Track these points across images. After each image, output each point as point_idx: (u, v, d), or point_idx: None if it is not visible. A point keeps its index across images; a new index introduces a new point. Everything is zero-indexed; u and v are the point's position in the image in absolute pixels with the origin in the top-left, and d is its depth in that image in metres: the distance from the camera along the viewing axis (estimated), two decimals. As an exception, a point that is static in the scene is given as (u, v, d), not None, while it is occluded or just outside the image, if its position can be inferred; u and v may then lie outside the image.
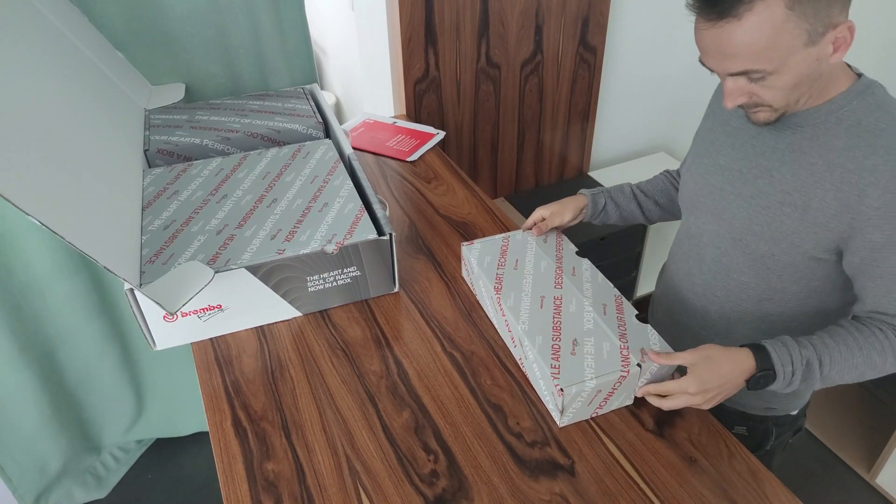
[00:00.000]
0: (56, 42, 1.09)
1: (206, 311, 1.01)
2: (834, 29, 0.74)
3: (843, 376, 0.85)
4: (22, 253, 1.41)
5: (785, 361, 0.83)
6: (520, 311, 0.96)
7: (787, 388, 0.85)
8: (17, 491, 1.63)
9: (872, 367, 0.85)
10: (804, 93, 0.82)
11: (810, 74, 0.79)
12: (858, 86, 0.84)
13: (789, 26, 0.73)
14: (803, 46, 0.75)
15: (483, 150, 1.97)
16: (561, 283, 1.02)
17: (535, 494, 0.80)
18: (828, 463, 1.88)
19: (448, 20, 1.67)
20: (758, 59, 0.76)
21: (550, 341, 0.91)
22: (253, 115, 1.36)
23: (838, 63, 0.82)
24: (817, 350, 0.84)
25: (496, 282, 1.02)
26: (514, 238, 1.13)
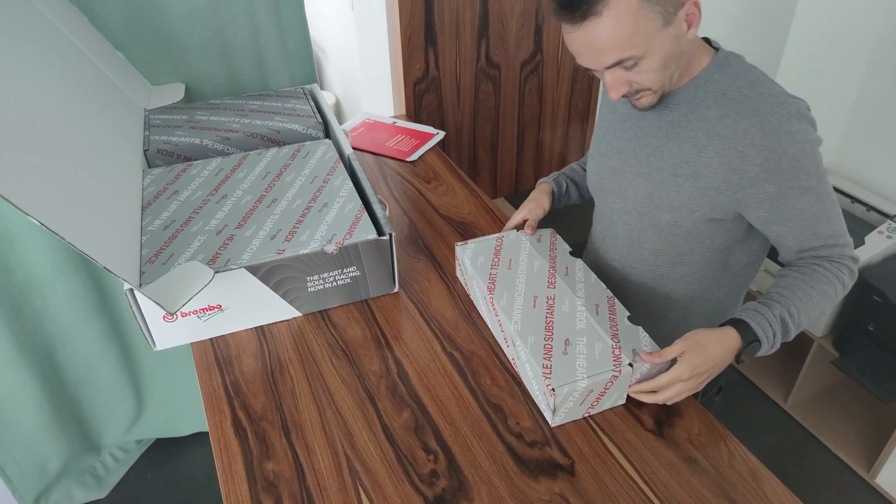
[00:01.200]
0: (56, 42, 1.09)
1: (206, 311, 1.01)
2: (682, 7, 0.83)
3: (810, 316, 0.92)
4: (22, 253, 1.41)
5: (765, 327, 0.89)
6: (512, 310, 0.97)
7: (770, 350, 0.90)
8: (17, 491, 1.63)
9: (827, 298, 0.92)
10: (675, 71, 0.90)
11: (674, 53, 0.87)
12: (718, 59, 0.92)
13: (644, 12, 0.80)
14: (661, 27, 0.82)
15: (483, 150, 1.97)
16: (554, 282, 1.02)
17: (534, 494, 0.80)
18: (828, 463, 1.88)
19: (448, 20, 1.67)
20: (625, 47, 0.83)
21: (543, 341, 0.91)
22: (253, 115, 1.36)
23: (696, 40, 0.92)
24: (784, 304, 0.90)
25: (489, 282, 1.02)
26: (508, 238, 1.13)
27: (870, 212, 1.89)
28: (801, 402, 2.03)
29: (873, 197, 1.93)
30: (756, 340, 0.89)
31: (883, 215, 1.87)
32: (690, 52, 0.91)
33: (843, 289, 0.94)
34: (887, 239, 1.78)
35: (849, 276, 0.94)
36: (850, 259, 0.95)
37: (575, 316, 0.95)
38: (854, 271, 0.95)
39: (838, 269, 0.93)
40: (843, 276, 0.94)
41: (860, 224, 1.87)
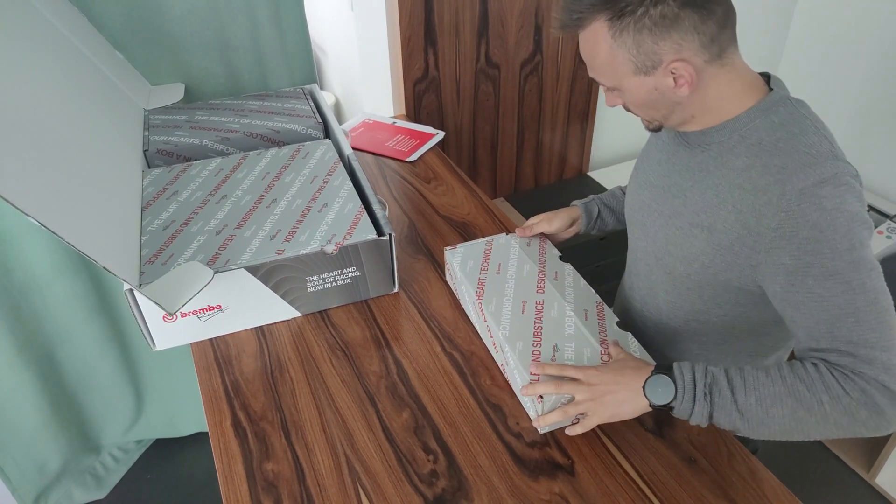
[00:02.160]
0: (55, 42, 1.09)
1: (206, 311, 1.01)
2: (665, 66, 0.78)
3: (770, 412, 0.74)
4: (21, 253, 1.41)
5: (685, 369, 0.78)
6: (501, 316, 0.96)
7: (692, 407, 0.76)
8: (17, 491, 1.63)
9: (805, 406, 0.73)
10: (668, 115, 0.85)
11: (658, 101, 0.83)
12: (765, 103, 0.82)
13: (615, 53, 0.79)
14: (633, 74, 0.80)
15: (482, 150, 1.97)
16: (543, 287, 1.01)
17: (534, 494, 0.80)
18: (828, 463, 1.88)
19: (448, 20, 1.67)
20: (597, 71, 0.84)
21: (531, 347, 0.90)
22: (252, 116, 1.36)
23: (738, 78, 0.82)
24: (729, 372, 0.77)
25: (478, 286, 1.01)
26: (498, 242, 1.12)
27: (869, 212, 1.90)
28: (800, 402, 2.03)
29: (873, 197, 1.93)
30: (667, 374, 0.78)
31: (883, 215, 1.87)
32: (716, 97, 0.82)
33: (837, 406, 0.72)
34: (887, 239, 1.79)
35: (859, 396, 0.71)
36: (869, 379, 0.72)
37: (564, 321, 0.94)
38: (875, 401, 0.71)
39: (840, 378, 0.73)
40: (839, 390, 0.72)
41: (860, 224, 1.87)
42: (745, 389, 0.75)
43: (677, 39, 0.76)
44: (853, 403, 0.71)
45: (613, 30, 0.77)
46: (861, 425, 0.72)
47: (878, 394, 0.71)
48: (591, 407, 0.81)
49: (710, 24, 0.76)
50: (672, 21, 0.75)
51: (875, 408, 0.71)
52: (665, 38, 0.76)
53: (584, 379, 0.82)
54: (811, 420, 0.73)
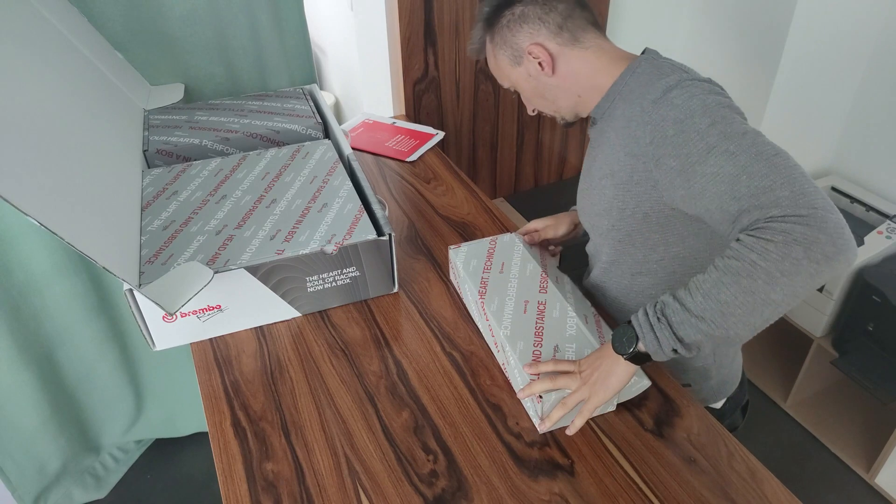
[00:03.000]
0: (55, 42, 1.09)
1: (206, 311, 1.01)
2: (526, 53, 0.97)
3: (721, 299, 0.73)
4: (21, 253, 1.41)
5: (639, 312, 0.82)
6: (503, 315, 0.96)
7: (655, 336, 0.78)
8: (17, 491, 1.63)
9: (745, 274, 0.72)
10: (556, 99, 1.01)
11: (538, 87, 1.00)
12: (632, 64, 0.94)
13: (498, 55, 1.02)
14: (512, 67, 1.01)
15: (482, 150, 1.97)
16: (546, 287, 1.02)
17: (534, 494, 0.80)
18: (827, 463, 1.88)
19: (447, 20, 1.67)
20: (498, 77, 1.06)
21: (532, 347, 0.91)
22: (252, 116, 1.36)
23: (600, 59, 0.96)
24: (677, 291, 0.79)
25: (481, 286, 1.02)
26: (502, 241, 1.12)
27: (869, 212, 1.90)
28: (800, 403, 2.04)
29: (873, 197, 1.93)
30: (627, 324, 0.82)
31: (882, 215, 1.87)
32: (589, 73, 0.96)
33: (769, 256, 0.70)
34: (886, 239, 1.79)
35: (782, 238, 0.70)
36: (782, 218, 0.71)
37: (566, 322, 0.95)
38: (800, 233, 0.69)
39: (757, 233, 0.72)
40: (762, 243, 0.71)
41: (860, 224, 1.87)
42: (691, 294, 0.76)
43: (528, 30, 0.96)
44: (781, 246, 0.70)
45: (493, 40, 1.01)
46: (807, 261, 0.69)
47: (798, 225, 0.70)
48: (585, 392, 0.84)
49: (554, 14, 0.95)
50: (521, 17, 0.97)
51: (804, 239, 0.69)
52: (519, 30, 0.97)
53: (576, 369, 0.86)
54: (759, 284, 0.71)
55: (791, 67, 1.78)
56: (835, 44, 1.80)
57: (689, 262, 0.98)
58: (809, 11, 1.70)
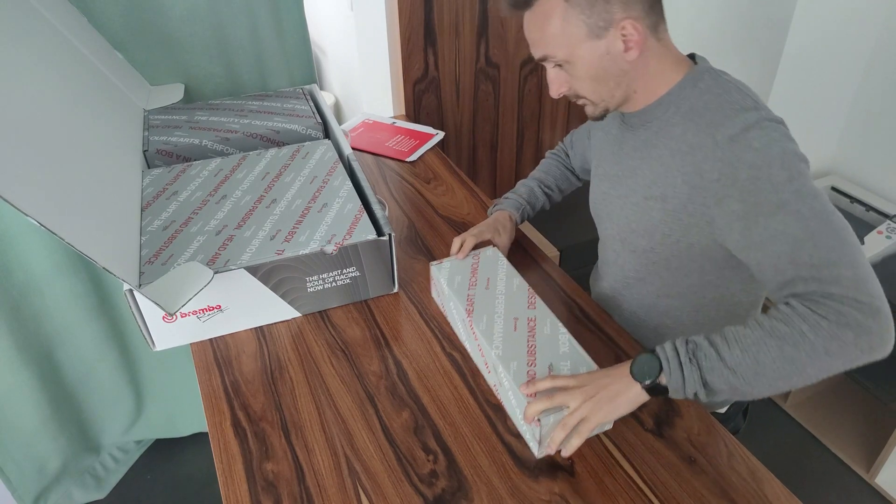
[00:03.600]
0: (55, 42, 1.09)
1: (206, 311, 1.01)
2: (613, 25, 0.82)
3: (759, 359, 0.72)
4: (21, 253, 1.41)
5: (666, 344, 0.78)
6: (493, 334, 0.91)
7: (682, 375, 0.75)
8: (17, 492, 1.63)
9: (790, 342, 0.72)
10: (615, 88, 0.88)
11: (608, 69, 0.86)
12: (691, 74, 0.88)
13: (568, 16, 0.82)
14: (586, 38, 0.83)
15: (482, 151, 1.97)
16: (534, 302, 0.97)
17: (534, 494, 0.80)
18: (828, 463, 1.88)
19: (447, 20, 1.67)
20: (548, 45, 0.86)
21: (526, 367, 0.86)
22: (252, 116, 1.36)
23: (666, 58, 0.88)
24: (710, 335, 0.77)
25: (468, 303, 0.97)
26: (485, 255, 1.08)
27: (869, 212, 1.90)
28: (800, 402, 2.04)
29: (872, 197, 1.93)
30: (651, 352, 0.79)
31: (882, 215, 1.87)
32: (654, 71, 0.88)
33: (820, 332, 0.70)
34: (886, 239, 1.79)
35: (836, 317, 0.70)
36: (840, 298, 0.71)
37: (558, 338, 0.90)
38: (855, 318, 0.70)
39: (812, 305, 0.72)
40: (815, 317, 0.71)
41: (860, 224, 1.87)
42: (728, 344, 0.75)
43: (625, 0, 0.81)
44: (834, 326, 0.70)
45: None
46: (853, 347, 0.70)
47: (854, 311, 0.70)
48: (587, 409, 0.78)
49: None
50: None
51: (857, 325, 0.70)
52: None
53: (575, 384, 0.80)
54: (801, 355, 0.71)
55: (791, 67, 1.78)
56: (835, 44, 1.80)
57: (720, 292, 0.95)
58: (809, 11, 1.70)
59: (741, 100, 0.83)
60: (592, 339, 1.03)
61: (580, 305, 1.10)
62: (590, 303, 1.10)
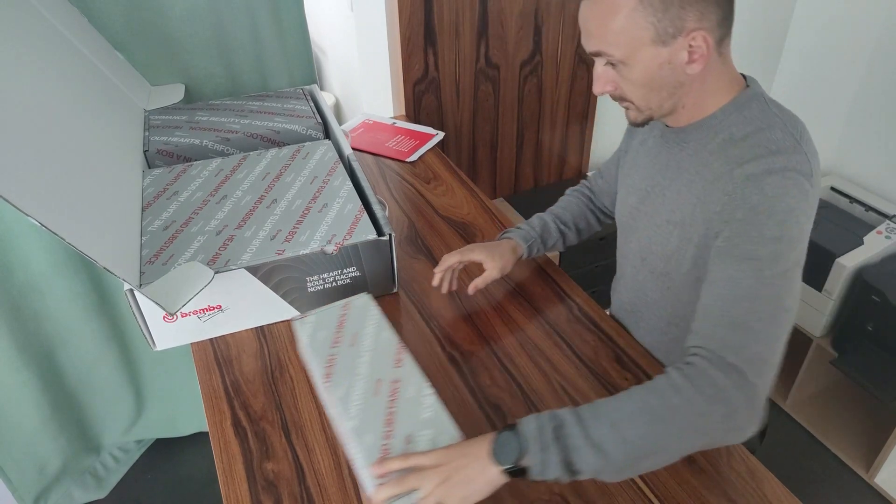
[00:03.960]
0: (55, 42, 1.09)
1: (206, 311, 1.01)
2: (686, 35, 0.75)
3: (627, 436, 0.67)
4: (21, 253, 1.41)
5: (530, 419, 0.71)
6: (350, 401, 0.81)
7: (542, 457, 0.68)
8: (17, 491, 1.63)
9: (659, 418, 0.67)
10: (666, 99, 0.82)
11: (665, 78, 0.80)
12: (740, 99, 0.82)
13: (637, 16, 0.75)
14: (651, 42, 0.76)
15: (482, 151, 1.97)
16: (402, 359, 0.87)
17: (534, 494, 0.80)
18: (827, 463, 1.89)
19: (447, 21, 1.67)
20: (607, 41, 0.78)
21: (381, 440, 0.76)
22: (252, 116, 1.36)
23: (722, 76, 0.82)
24: (582, 409, 0.70)
25: (328, 364, 0.87)
26: (355, 305, 0.97)
27: (869, 212, 1.90)
28: (800, 402, 2.04)
29: (872, 197, 1.93)
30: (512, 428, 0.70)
31: (882, 215, 1.87)
32: (704, 88, 0.82)
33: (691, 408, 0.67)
34: (886, 239, 1.79)
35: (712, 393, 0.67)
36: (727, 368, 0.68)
37: (421, 402, 0.81)
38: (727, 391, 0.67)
39: (690, 377, 0.69)
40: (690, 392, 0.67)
41: (859, 224, 1.87)
42: (598, 419, 0.69)
43: (702, 7, 0.74)
44: (706, 402, 0.67)
45: None
46: (720, 426, 0.67)
47: (732, 384, 0.67)
48: (441, 493, 0.69)
49: (725, 2, 0.76)
50: None
51: (728, 402, 0.67)
52: (693, 2, 0.74)
53: (429, 463, 0.71)
54: (670, 431, 0.67)
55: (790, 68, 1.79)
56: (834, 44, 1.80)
57: None
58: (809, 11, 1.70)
59: (781, 139, 0.77)
60: (592, 339, 1.03)
61: (580, 305, 1.10)
62: (590, 303, 1.11)
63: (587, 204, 1.21)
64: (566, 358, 1.00)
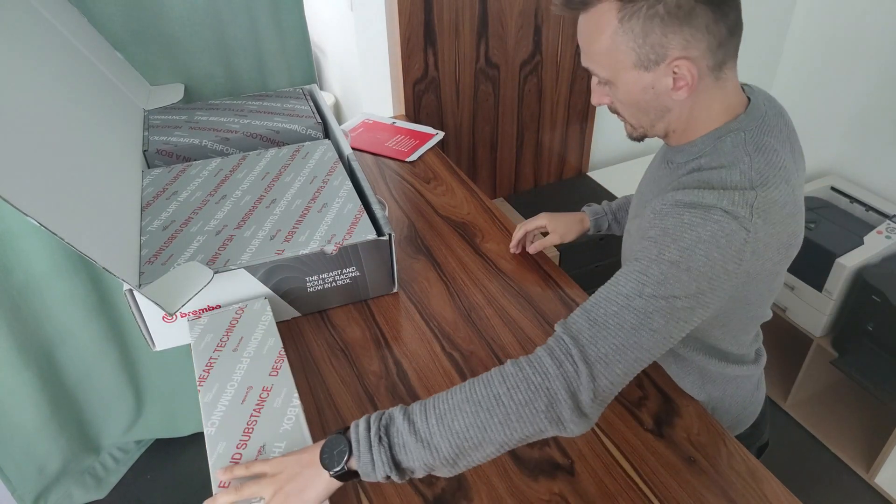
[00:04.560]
0: (55, 42, 1.09)
1: (206, 311, 1.01)
2: (669, 63, 0.73)
3: (453, 427, 0.67)
4: (21, 253, 1.41)
5: (361, 420, 0.70)
6: (215, 408, 0.82)
7: (371, 458, 0.67)
8: (17, 492, 1.63)
9: (485, 407, 0.67)
10: (655, 120, 0.81)
11: (650, 102, 0.78)
12: (721, 130, 0.79)
13: (618, 39, 0.73)
14: (633, 67, 0.75)
15: (482, 151, 1.97)
16: (279, 368, 0.88)
17: (534, 494, 0.80)
18: (827, 463, 1.89)
19: (447, 20, 1.67)
20: (594, 60, 0.78)
21: (234, 449, 0.77)
22: (252, 116, 1.36)
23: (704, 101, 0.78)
24: (414, 405, 0.70)
25: (204, 369, 0.88)
26: (251, 309, 0.98)
27: (869, 212, 1.90)
28: (800, 402, 2.04)
29: (872, 197, 1.93)
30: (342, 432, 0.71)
31: (882, 215, 1.87)
32: (696, 115, 0.79)
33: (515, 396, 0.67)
34: (886, 239, 1.79)
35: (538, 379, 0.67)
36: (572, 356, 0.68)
37: (286, 412, 0.81)
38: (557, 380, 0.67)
39: (521, 365, 0.69)
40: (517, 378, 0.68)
41: (859, 224, 1.87)
42: (426, 412, 0.68)
43: (687, 35, 0.71)
44: (531, 390, 0.67)
45: (623, 13, 0.71)
46: (543, 416, 0.67)
47: (567, 377, 0.67)
48: (277, 502, 0.69)
49: (722, 27, 0.72)
50: (687, 14, 0.70)
51: (554, 392, 0.67)
52: (676, 31, 0.70)
53: (270, 471, 0.71)
54: (494, 421, 0.67)
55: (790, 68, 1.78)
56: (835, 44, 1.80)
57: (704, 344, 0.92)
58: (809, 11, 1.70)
59: (734, 180, 0.74)
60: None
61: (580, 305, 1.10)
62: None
63: None
64: (566, 358, 1.00)
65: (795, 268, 1.86)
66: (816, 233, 1.80)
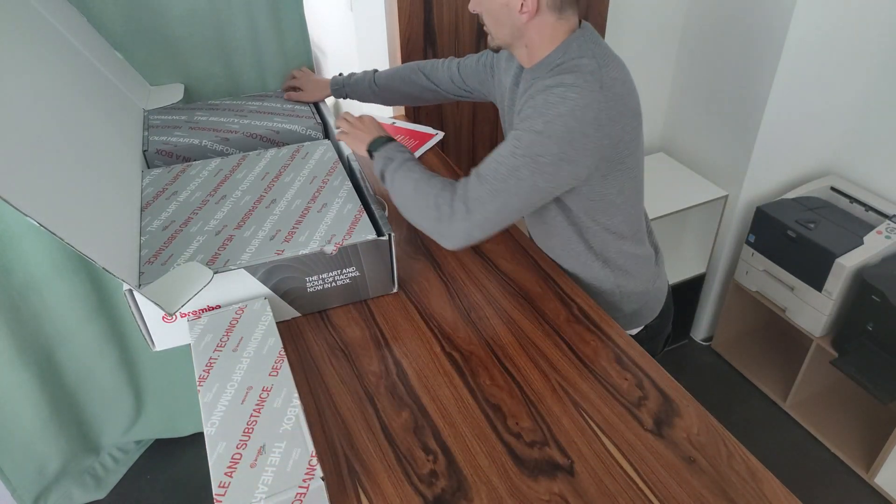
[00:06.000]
0: (55, 42, 1.09)
1: (206, 311, 1.01)
2: None
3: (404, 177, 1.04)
4: (21, 253, 1.41)
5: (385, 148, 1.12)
6: (215, 408, 0.82)
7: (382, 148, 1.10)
8: (17, 492, 1.63)
9: (420, 194, 1.01)
10: (509, 36, 1.01)
11: (504, 18, 0.98)
12: (568, 38, 0.99)
13: None
14: None
15: (482, 151, 1.97)
16: (279, 369, 0.88)
17: (534, 494, 0.80)
18: (827, 463, 1.89)
19: (447, 21, 1.67)
20: None
21: (234, 449, 0.77)
22: (252, 116, 1.36)
23: (548, 30, 0.98)
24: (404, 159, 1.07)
25: (205, 369, 0.88)
26: (251, 309, 0.99)
27: (869, 212, 1.90)
28: (800, 402, 2.04)
29: (872, 197, 1.93)
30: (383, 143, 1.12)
31: (882, 215, 1.87)
32: (544, 39, 0.99)
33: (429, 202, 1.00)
34: (886, 239, 1.79)
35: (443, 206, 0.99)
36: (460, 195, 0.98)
37: (286, 413, 0.81)
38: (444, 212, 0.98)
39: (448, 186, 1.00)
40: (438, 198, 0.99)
41: (859, 224, 1.87)
42: (404, 166, 1.05)
43: None
44: (433, 203, 1.00)
45: None
46: (433, 222, 1.01)
47: (448, 207, 0.98)
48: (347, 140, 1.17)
49: None
50: None
51: (437, 220, 0.99)
52: None
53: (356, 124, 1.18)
54: (413, 203, 1.03)
55: (790, 67, 1.78)
56: (835, 43, 1.80)
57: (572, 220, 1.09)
58: (809, 11, 1.70)
59: (585, 65, 0.95)
60: (592, 339, 1.03)
61: (580, 305, 1.10)
62: (590, 303, 1.11)
63: (419, 75, 1.38)
64: (566, 358, 1.00)
65: (795, 268, 1.87)
66: (816, 233, 1.80)
